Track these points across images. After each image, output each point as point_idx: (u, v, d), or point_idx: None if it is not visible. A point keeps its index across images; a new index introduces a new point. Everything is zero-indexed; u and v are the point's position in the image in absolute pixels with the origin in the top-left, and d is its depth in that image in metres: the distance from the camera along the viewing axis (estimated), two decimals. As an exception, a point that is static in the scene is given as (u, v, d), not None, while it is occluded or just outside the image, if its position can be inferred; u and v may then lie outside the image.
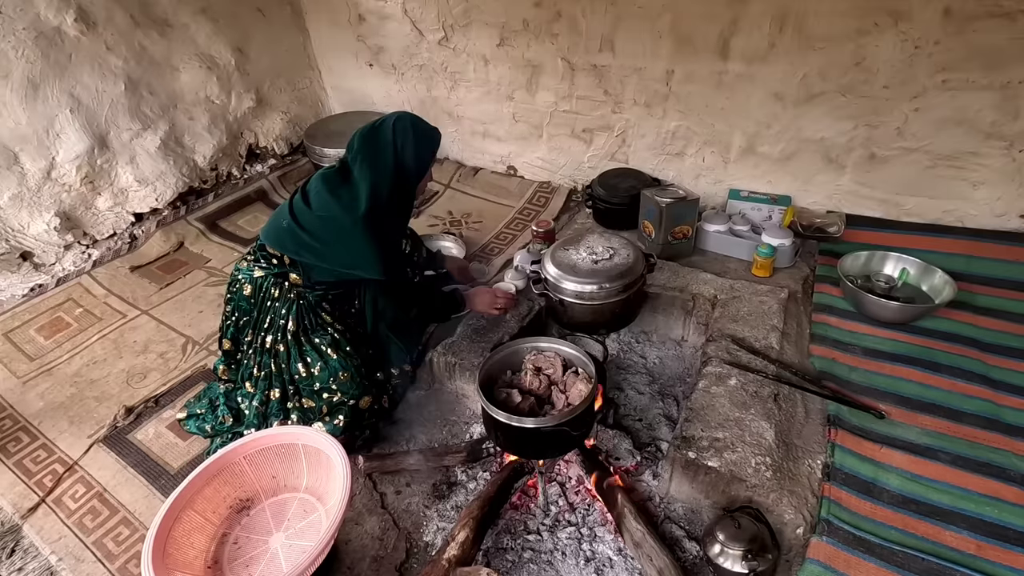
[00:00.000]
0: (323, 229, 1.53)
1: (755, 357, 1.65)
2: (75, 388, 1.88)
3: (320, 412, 1.55)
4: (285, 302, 1.59)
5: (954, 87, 1.84)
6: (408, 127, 1.59)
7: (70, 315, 2.21)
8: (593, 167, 2.66)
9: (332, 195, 1.55)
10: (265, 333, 1.62)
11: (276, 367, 1.60)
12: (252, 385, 1.63)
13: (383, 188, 1.55)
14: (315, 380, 1.57)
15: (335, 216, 1.52)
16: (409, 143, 1.58)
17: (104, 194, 2.46)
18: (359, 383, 1.58)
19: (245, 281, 1.63)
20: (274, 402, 1.57)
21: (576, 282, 1.70)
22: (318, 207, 1.55)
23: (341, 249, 1.54)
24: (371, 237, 1.52)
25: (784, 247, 2.05)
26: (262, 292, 1.61)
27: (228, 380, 1.73)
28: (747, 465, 1.34)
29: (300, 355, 1.58)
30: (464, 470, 1.57)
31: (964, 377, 1.59)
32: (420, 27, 2.71)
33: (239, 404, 1.66)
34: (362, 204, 1.51)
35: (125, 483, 1.57)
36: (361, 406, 1.58)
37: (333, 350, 1.59)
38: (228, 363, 1.73)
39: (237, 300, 1.65)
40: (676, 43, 2.18)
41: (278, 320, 1.60)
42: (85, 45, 2.26)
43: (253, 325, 1.64)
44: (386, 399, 1.70)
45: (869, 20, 1.84)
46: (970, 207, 2.01)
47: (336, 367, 1.57)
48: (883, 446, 1.42)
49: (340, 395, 1.56)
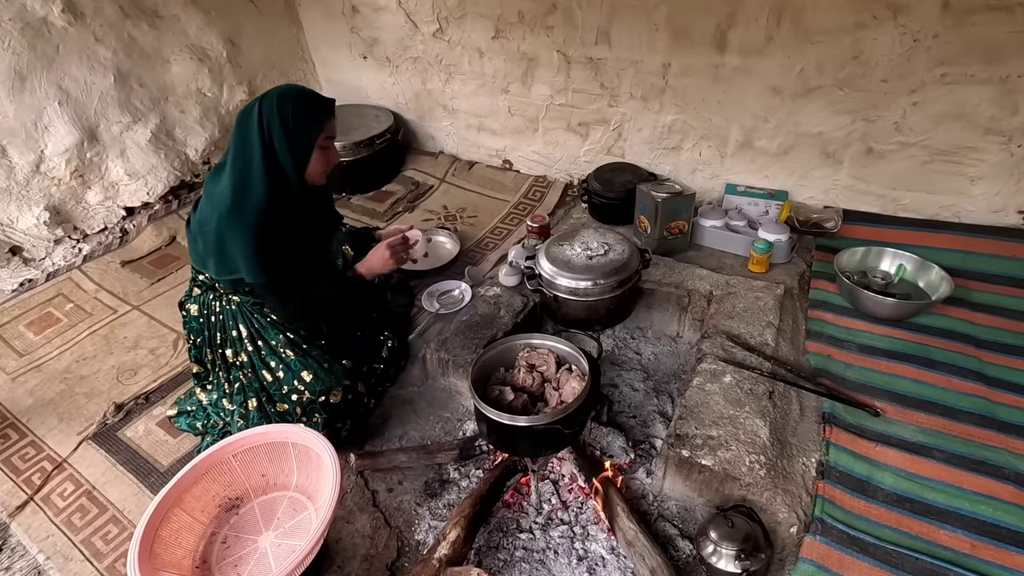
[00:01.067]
0: (202, 233, 1.41)
1: (750, 354, 1.64)
2: (64, 385, 1.86)
3: (296, 414, 1.52)
4: (229, 313, 1.55)
5: (952, 81, 1.82)
6: (273, 104, 1.35)
7: (60, 310, 2.18)
8: (589, 161, 2.64)
9: (207, 195, 1.43)
10: (223, 348, 1.58)
11: (245, 377, 1.56)
12: (229, 401, 1.59)
13: (252, 179, 1.36)
14: (281, 383, 1.52)
15: (207, 217, 1.39)
16: (275, 122, 1.35)
17: (94, 188, 2.43)
18: (323, 378, 1.52)
19: (188, 302, 1.61)
20: (253, 412, 1.53)
21: (570, 278, 1.69)
22: (199, 211, 1.46)
23: (216, 252, 1.40)
24: (240, 235, 1.35)
25: (781, 243, 2.03)
26: (206, 309, 1.57)
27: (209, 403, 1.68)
28: (741, 463, 1.33)
29: (262, 361, 1.54)
30: (457, 468, 1.55)
31: (959, 374, 1.58)
32: (414, 19, 2.68)
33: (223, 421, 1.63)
34: (227, 199, 1.35)
35: (114, 481, 1.55)
36: (332, 401, 1.53)
37: (290, 349, 1.53)
38: (203, 385, 1.69)
39: (188, 322, 1.62)
40: (673, 36, 2.15)
41: (229, 332, 1.55)
42: (73, 36, 2.22)
43: (209, 344, 1.60)
44: (361, 385, 1.65)
45: (867, 13, 1.82)
46: (967, 203, 2.00)
47: (297, 366, 1.52)
48: (878, 444, 1.42)
49: (308, 393, 1.51)
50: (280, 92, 1.40)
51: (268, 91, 1.41)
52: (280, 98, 1.38)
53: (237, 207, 1.35)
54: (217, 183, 1.42)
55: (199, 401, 1.68)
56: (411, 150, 3.12)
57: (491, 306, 1.94)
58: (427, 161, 3.02)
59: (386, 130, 2.81)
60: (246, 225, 1.35)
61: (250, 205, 1.36)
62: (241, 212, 1.35)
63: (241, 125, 1.39)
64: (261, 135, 1.36)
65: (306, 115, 1.40)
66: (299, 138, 1.40)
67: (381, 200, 2.80)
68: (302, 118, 1.39)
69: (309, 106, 1.42)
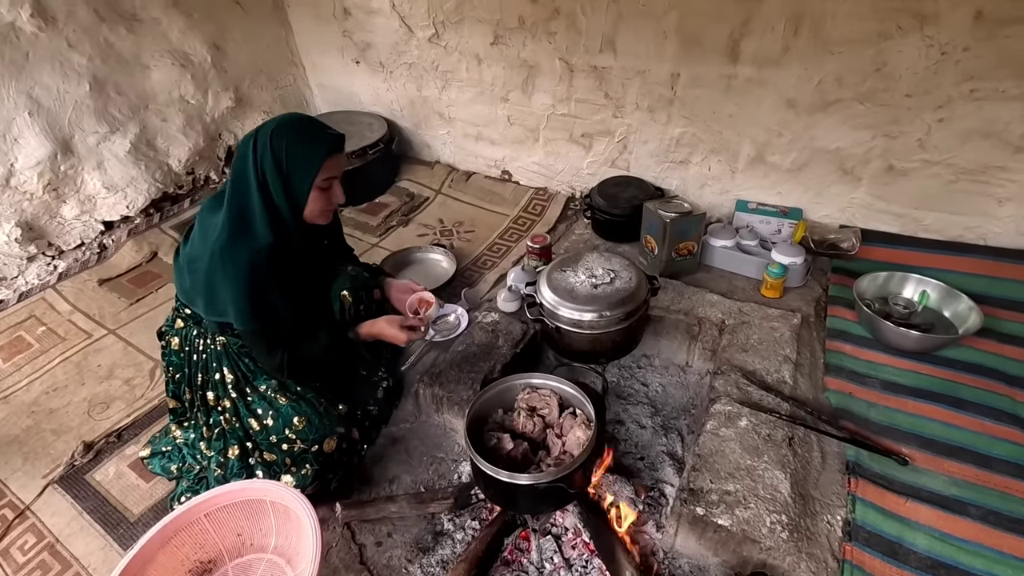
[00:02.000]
0: (191, 271, 1.31)
1: (767, 394, 1.53)
2: (32, 420, 1.74)
3: (285, 464, 1.40)
4: (213, 353, 1.42)
5: (982, 97, 1.70)
6: (267, 140, 1.24)
7: (32, 334, 2.06)
8: (592, 173, 2.52)
9: (201, 228, 1.31)
10: (203, 389, 1.46)
11: (227, 424, 1.44)
12: (207, 446, 1.47)
13: (251, 218, 1.26)
14: (270, 432, 1.40)
15: (198, 254, 1.28)
16: (268, 161, 1.24)
17: (70, 202, 2.30)
18: (317, 425, 1.41)
19: (172, 335, 1.48)
20: (233, 460, 1.40)
21: (574, 309, 1.57)
22: (190, 244, 1.34)
23: (205, 292, 1.30)
24: (232, 278, 1.23)
25: (796, 266, 1.92)
26: (188, 344, 1.45)
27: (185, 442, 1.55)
28: (761, 524, 1.22)
29: (247, 408, 1.42)
30: (451, 518, 1.44)
31: (992, 416, 1.48)
32: (409, 23, 2.54)
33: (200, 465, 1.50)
34: (222, 237, 1.24)
35: (80, 532, 1.43)
36: (326, 449, 1.42)
37: (281, 394, 1.41)
38: (179, 421, 1.56)
39: (168, 356, 1.49)
40: (682, 44, 2.03)
41: (212, 374, 1.43)
42: (44, 42, 2.08)
43: (188, 382, 1.48)
44: (355, 431, 1.54)
45: (892, 23, 1.70)
46: (994, 224, 1.88)
47: (289, 413, 1.40)
48: (908, 499, 1.30)
49: (300, 443, 1.40)
50: (275, 126, 1.27)
51: (266, 122, 1.29)
52: (274, 133, 1.25)
53: (232, 247, 1.23)
54: (213, 216, 1.29)
55: (174, 440, 1.56)
56: (406, 159, 2.99)
57: (489, 334, 1.82)
58: (423, 171, 2.90)
59: (380, 139, 2.68)
60: (240, 267, 1.23)
61: (247, 247, 1.24)
62: (236, 253, 1.23)
63: (239, 157, 1.28)
64: (256, 172, 1.25)
65: (302, 154, 1.26)
66: (294, 180, 1.27)
67: (374, 213, 2.67)
68: (297, 157, 1.25)
69: (306, 143, 1.27)
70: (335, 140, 1.31)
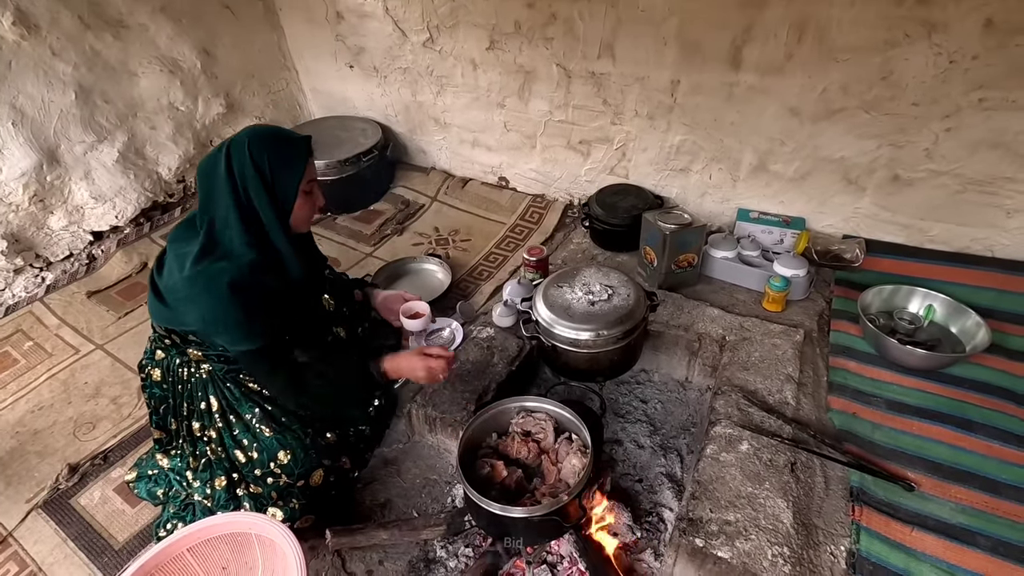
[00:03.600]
0: (174, 301, 1.27)
1: (768, 415, 1.48)
2: (16, 441, 1.70)
3: (271, 498, 1.36)
4: (198, 382, 1.38)
5: (992, 107, 1.65)
6: (245, 151, 1.20)
7: (18, 350, 2.02)
8: (591, 181, 2.47)
9: (175, 256, 1.26)
10: (189, 419, 1.42)
11: (213, 454, 1.39)
12: (193, 476, 1.42)
13: (228, 238, 1.22)
14: (255, 464, 1.36)
15: (177, 284, 1.23)
16: (249, 172, 1.20)
17: (57, 213, 2.25)
18: (303, 460, 1.36)
19: (149, 365, 1.43)
20: (220, 492, 1.36)
21: (571, 328, 1.52)
22: (165, 275, 1.29)
23: (194, 321, 1.26)
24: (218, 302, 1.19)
25: (798, 279, 1.87)
26: (171, 375, 1.40)
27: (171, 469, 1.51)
28: (762, 557, 1.18)
29: (234, 440, 1.37)
30: (444, 545, 1.40)
31: (1000, 438, 1.43)
32: (403, 27, 2.49)
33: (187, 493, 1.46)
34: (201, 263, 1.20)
35: (64, 560, 1.40)
36: (312, 483, 1.38)
37: (265, 425, 1.36)
38: (166, 451, 1.51)
39: (150, 387, 1.45)
40: (683, 51, 1.97)
41: (198, 403, 1.39)
42: (27, 51, 2.03)
43: (173, 412, 1.43)
44: (346, 460, 1.50)
45: (899, 31, 1.65)
46: (1002, 236, 1.83)
47: (273, 446, 1.35)
48: (914, 528, 1.26)
49: (284, 477, 1.35)
50: (250, 137, 1.22)
51: (232, 137, 1.24)
52: (252, 143, 1.21)
53: (214, 271, 1.19)
54: (186, 245, 1.24)
55: (160, 465, 1.53)
56: (401, 164, 2.94)
57: (484, 351, 1.78)
58: (418, 177, 2.85)
59: (373, 146, 2.63)
60: (222, 290, 1.18)
61: (229, 268, 1.20)
62: (218, 276, 1.18)
63: (206, 178, 1.23)
64: (232, 188, 1.21)
65: (284, 160, 1.24)
66: (279, 187, 1.25)
67: (368, 221, 2.63)
68: (280, 164, 1.23)
69: (286, 149, 1.25)
70: (308, 142, 1.30)
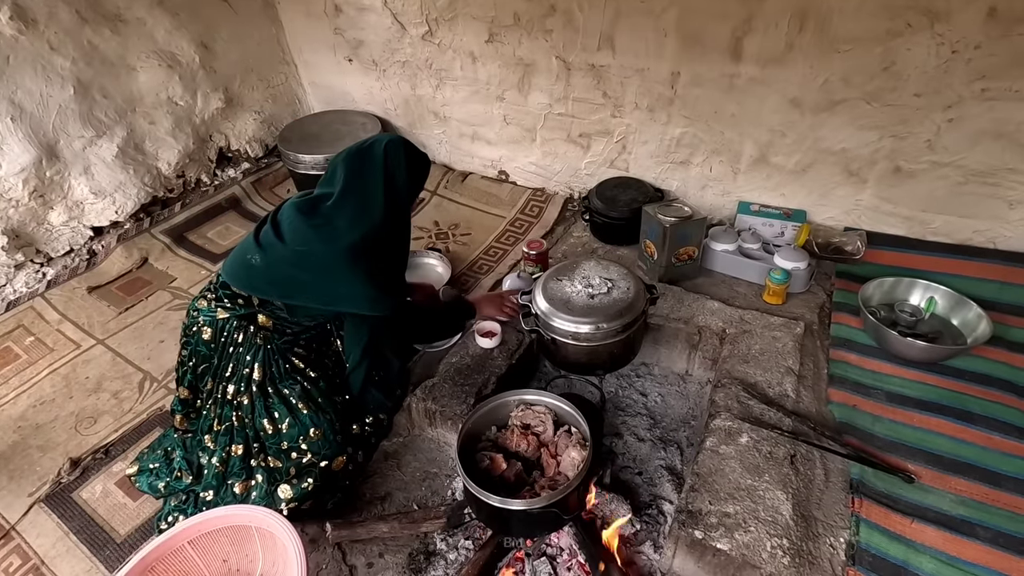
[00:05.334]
0: (300, 264, 1.37)
1: (768, 408, 1.48)
2: (18, 435, 1.71)
3: (287, 473, 1.39)
4: (251, 348, 1.42)
5: (994, 97, 1.64)
6: (400, 151, 1.44)
7: (20, 345, 2.02)
8: (591, 174, 2.46)
9: (310, 226, 1.37)
10: (226, 383, 1.44)
11: (239, 420, 1.43)
12: (212, 439, 1.46)
13: (373, 216, 1.39)
14: (283, 438, 1.40)
15: (314, 251, 1.35)
16: (401, 167, 1.43)
17: (57, 208, 2.25)
18: (332, 441, 1.42)
19: (205, 324, 1.45)
20: (235, 459, 1.40)
21: (570, 321, 1.52)
22: (293, 240, 1.37)
23: (325, 285, 1.37)
24: (359, 270, 1.36)
25: (799, 271, 1.86)
26: (224, 336, 1.43)
27: (186, 431, 1.55)
28: (762, 549, 1.18)
29: (266, 408, 1.41)
30: (444, 537, 1.41)
31: (1001, 430, 1.43)
32: (401, 20, 2.47)
33: (198, 458, 1.49)
34: (347, 234, 1.35)
35: (66, 553, 1.40)
36: (334, 467, 1.42)
37: (303, 403, 1.42)
38: (186, 412, 1.54)
39: (195, 344, 1.46)
40: (683, 42, 1.96)
41: (241, 368, 1.42)
42: (25, 46, 2.03)
43: (213, 373, 1.46)
44: (361, 454, 1.53)
45: (901, 20, 1.63)
46: (1005, 228, 1.82)
47: (307, 423, 1.41)
48: (914, 519, 1.26)
49: (311, 455, 1.40)
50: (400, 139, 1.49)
51: (382, 136, 1.52)
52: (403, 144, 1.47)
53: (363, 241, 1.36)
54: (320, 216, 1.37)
55: (164, 451, 1.54)
56: (401, 158, 2.93)
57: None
58: (418, 171, 2.83)
59: (373, 140, 2.62)
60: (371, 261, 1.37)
61: (374, 242, 1.38)
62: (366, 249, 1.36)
63: (357, 165, 1.41)
64: (384, 176, 1.40)
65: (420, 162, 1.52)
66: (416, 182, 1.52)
67: (368, 215, 2.62)
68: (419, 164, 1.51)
69: (420, 154, 1.53)
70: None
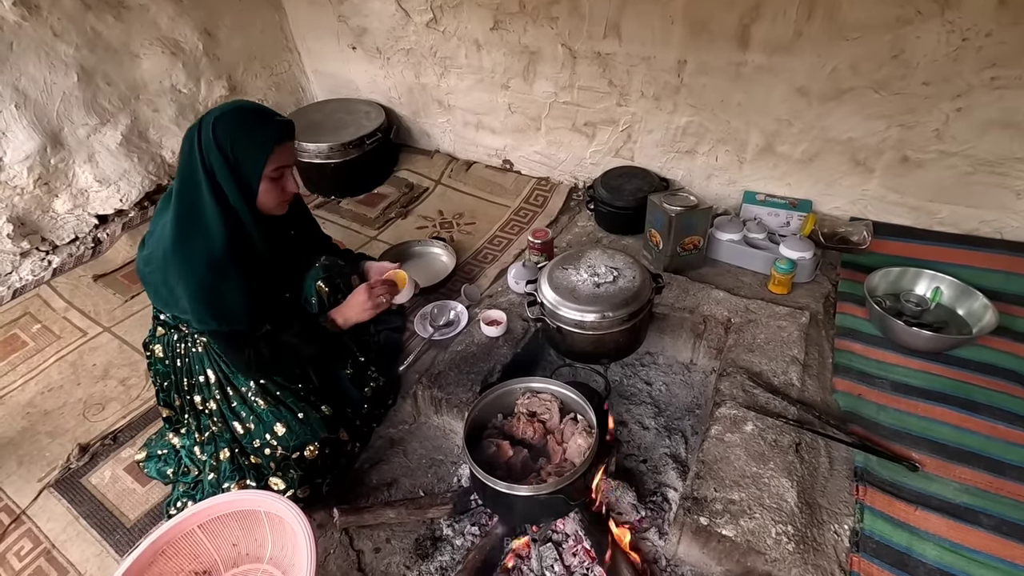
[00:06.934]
0: (148, 272, 1.27)
1: (774, 397, 1.49)
2: (27, 421, 1.72)
3: (270, 469, 1.38)
4: (195, 356, 1.38)
5: (1004, 86, 1.63)
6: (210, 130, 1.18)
7: (27, 332, 2.03)
8: (596, 163, 2.45)
9: (154, 230, 1.27)
10: (191, 393, 1.43)
11: (216, 427, 1.42)
12: (200, 450, 1.45)
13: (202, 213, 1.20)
14: (253, 436, 1.38)
15: (152, 255, 1.24)
16: (213, 151, 1.18)
17: (62, 196, 2.25)
18: (298, 432, 1.37)
19: (152, 342, 1.45)
20: (225, 463, 1.38)
21: (576, 310, 1.52)
22: (145, 247, 1.29)
23: (164, 294, 1.26)
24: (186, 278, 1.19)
25: (804, 261, 1.86)
26: (171, 350, 1.41)
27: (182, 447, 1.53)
28: (766, 535, 1.19)
29: (231, 411, 1.39)
30: (450, 523, 1.42)
31: (1005, 419, 1.43)
32: (406, 7, 2.46)
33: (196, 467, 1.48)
34: (170, 236, 1.19)
35: (76, 537, 1.42)
36: (307, 456, 1.39)
37: (261, 398, 1.37)
38: (176, 429, 1.53)
39: (154, 364, 1.46)
40: (689, 30, 1.94)
41: (196, 376, 1.40)
42: (28, 32, 2.01)
43: (176, 388, 1.44)
44: (343, 432, 1.51)
45: (911, 7, 1.62)
46: (1012, 218, 1.82)
47: (268, 419, 1.37)
48: (917, 507, 1.27)
49: (280, 449, 1.37)
50: (217, 114, 1.20)
51: (209, 111, 1.22)
52: (217, 123, 1.19)
53: (183, 245, 1.19)
54: (163, 217, 1.25)
55: (171, 444, 1.54)
56: (405, 148, 2.92)
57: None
58: (422, 160, 2.83)
59: (377, 128, 2.61)
60: (193, 266, 1.18)
61: (199, 244, 1.19)
62: (188, 251, 1.19)
63: (183, 152, 1.22)
64: (202, 164, 1.19)
65: (248, 143, 1.20)
66: (243, 170, 1.21)
67: (373, 204, 2.62)
68: (243, 146, 1.20)
69: (251, 132, 1.21)
70: (284, 127, 1.25)
